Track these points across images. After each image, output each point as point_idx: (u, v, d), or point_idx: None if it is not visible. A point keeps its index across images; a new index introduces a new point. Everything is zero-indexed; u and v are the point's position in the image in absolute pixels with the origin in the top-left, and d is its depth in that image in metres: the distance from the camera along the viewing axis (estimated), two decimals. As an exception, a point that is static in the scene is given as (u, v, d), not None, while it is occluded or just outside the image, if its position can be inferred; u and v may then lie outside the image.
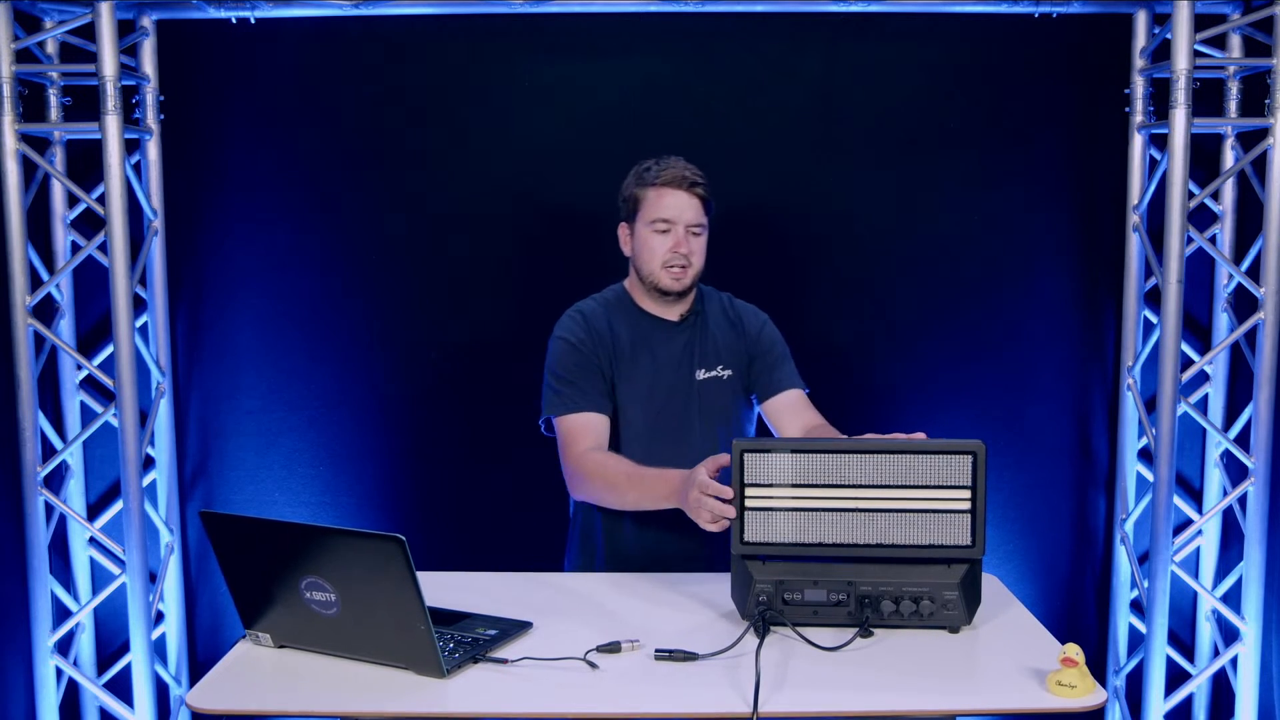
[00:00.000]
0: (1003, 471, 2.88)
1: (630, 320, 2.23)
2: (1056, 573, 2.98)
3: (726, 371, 2.24)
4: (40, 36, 2.63)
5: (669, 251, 2.14)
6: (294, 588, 1.64)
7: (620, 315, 2.23)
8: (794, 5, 2.75)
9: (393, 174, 2.87)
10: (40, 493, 2.70)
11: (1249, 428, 2.75)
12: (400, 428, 2.94)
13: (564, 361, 2.17)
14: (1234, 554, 2.84)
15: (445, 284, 2.91)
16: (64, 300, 2.83)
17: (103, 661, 2.93)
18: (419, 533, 2.83)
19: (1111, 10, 2.74)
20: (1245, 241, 2.81)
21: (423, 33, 2.81)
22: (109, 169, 2.55)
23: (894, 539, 1.76)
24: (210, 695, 1.59)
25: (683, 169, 2.16)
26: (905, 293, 2.90)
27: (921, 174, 2.87)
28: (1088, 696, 1.54)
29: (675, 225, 2.14)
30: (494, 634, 1.74)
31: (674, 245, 2.14)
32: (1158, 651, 2.70)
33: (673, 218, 2.14)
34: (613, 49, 2.83)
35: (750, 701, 1.51)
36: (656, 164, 2.18)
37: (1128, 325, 2.86)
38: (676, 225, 2.14)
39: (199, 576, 2.98)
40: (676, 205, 2.14)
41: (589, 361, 2.17)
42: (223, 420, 2.94)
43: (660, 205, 2.15)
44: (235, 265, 2.89)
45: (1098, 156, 2.85)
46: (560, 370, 2.17)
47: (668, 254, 2.14)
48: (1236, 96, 2.73)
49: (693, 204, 2.15)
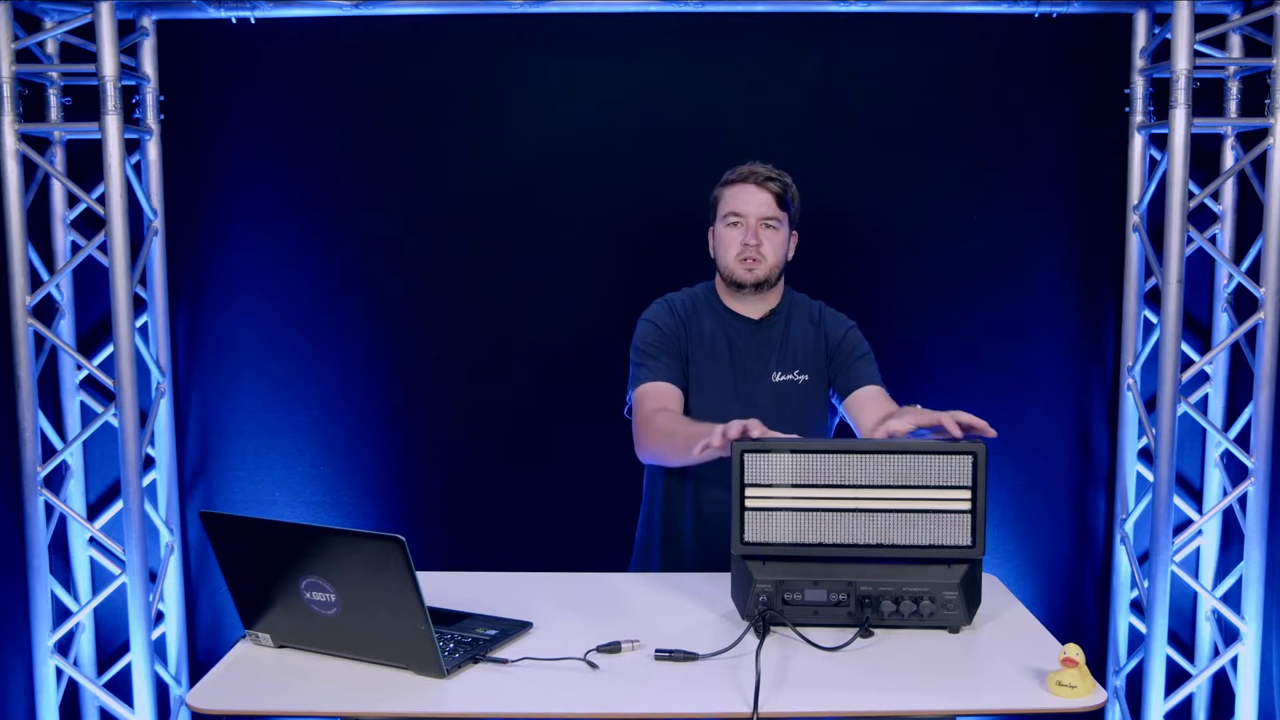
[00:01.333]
0: (1003, 471, 2.88)
1: (714, 313, 2.30)
2: (1056, 573, 2.98)
3: (803, 376, 2.27)
4: (40, 36, 2.63)
5: (740, 244, 2.21)
6: (294, 588, 1.64)
7: (706, 308, 2.31)
8: (794, 5, 2.75)
9: (392, 174, 2.87)
10: (40, 493, 2.70)
11: (1249, 428, 2.75)
12: (400, 428, 2.94)
13: (646, 339, 2.27)
14: (1234, 554, 2.84)
15: (445, 284, 2.91)
16: (64, 300, 2.83)
17: (103, 661, 2.93)
18: (419, 533, 2.84)
19: (1111, 10, 2.74)
20: (1245, 241, 2.81)
21: (422, 33, 2.81)
22: (109, 169, 2.55)
23: (894, 539, 1.76)
24: (210, 695, 1.59)
25: (755, 166, 2.25)
26: (905, 292, 2.90)
27: (921, 174, 2.87)
28: (1088, 696, 1.54)
29: (746, 218, 2.21)
30: (494, 634, 1.74)
31: (745, 237, 2.21)
32: (1158, 651, 2.70)
33: (743, 211, 2.22)
34: (613, 49, 2.83)
35: (750, 701, 1.51)
36: (740, 166, 2.27)
37: (1128, 325, 2.86)
38: (747, 218, 2.21)
39: (199, 576, 2.98)
40: (747, 199, 2.22)
41: (669, 341, 2.25)
42: (223, 420, 2.94)
43: (732, 200, 2.24)
44: (235, 265, 2.89)
45: (1098, 156, 2.85)
46: (642, 346, 2.27)
47: (739, 246, 2.22)
48: (1236, 96, 2.73)
49: (763, 198, 2.21)
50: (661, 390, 2.21)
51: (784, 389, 2.26)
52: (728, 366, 2.26)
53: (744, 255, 2.21)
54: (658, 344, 2.25)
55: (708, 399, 2.24)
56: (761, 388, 2.25)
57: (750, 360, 2.27)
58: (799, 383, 2.26)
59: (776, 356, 2.27)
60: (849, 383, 2.27)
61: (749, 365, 2.26)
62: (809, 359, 2.28)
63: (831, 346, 2.30)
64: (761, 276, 2.23)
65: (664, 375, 2.23)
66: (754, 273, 2.22)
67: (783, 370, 2.27)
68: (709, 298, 2.33)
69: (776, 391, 2.25)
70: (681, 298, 2.33)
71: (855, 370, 2.27)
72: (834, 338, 2.30)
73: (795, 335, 2.29)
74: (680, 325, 2.27)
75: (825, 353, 2.29)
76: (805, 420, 2.27)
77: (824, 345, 2.30)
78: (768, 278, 2.24)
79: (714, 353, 2.26)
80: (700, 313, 2.30)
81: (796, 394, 2.26)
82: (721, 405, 2.22)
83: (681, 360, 2.25)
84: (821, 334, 2.30)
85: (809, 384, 2.27)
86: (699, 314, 2.29)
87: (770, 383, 2.26)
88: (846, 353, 2.29)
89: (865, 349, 2.32)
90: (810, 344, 2.29)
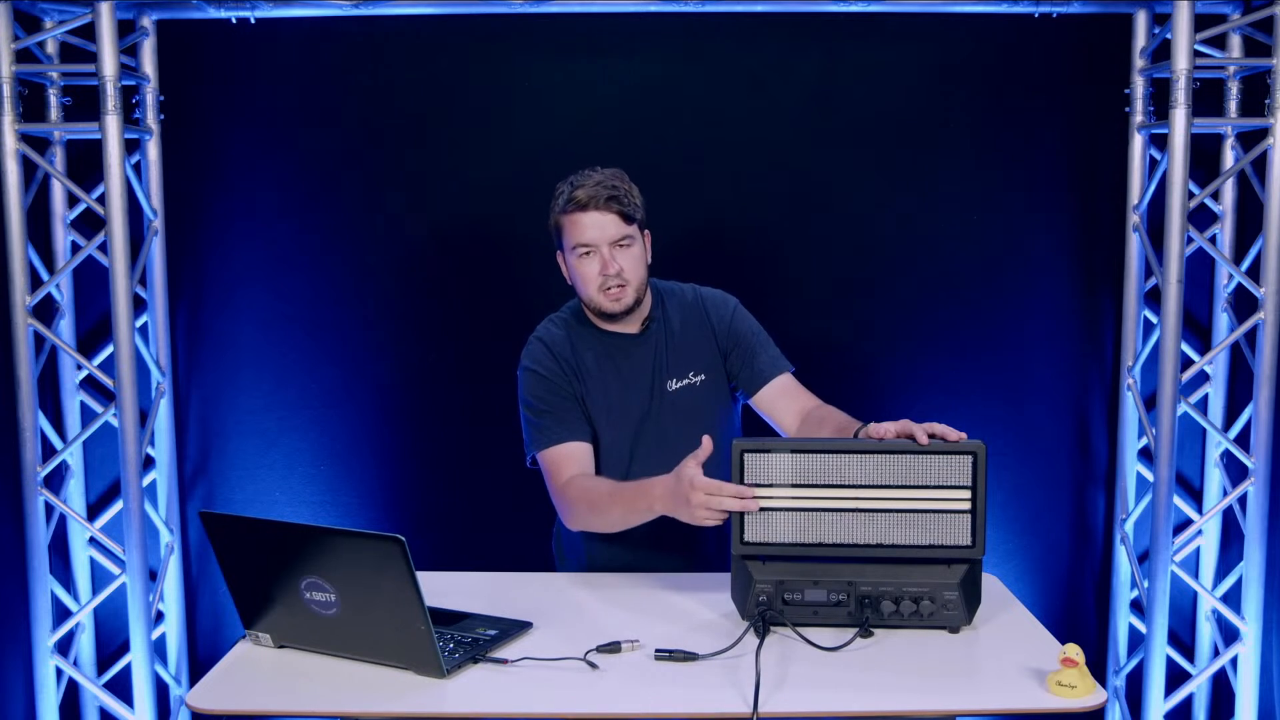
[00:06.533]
0: (1003, 471, 2.88)
1: (591, 339, 2.18)
2: (1056, 573, 2.98)
3: (699, 377, 2.17)
4: (40, 36, 2.63)
5: (599, 275, 2.07)
6: (294, 588, 1.64)
7: (581, 335, 2.18)
8: (794, 5, 2.75)
9: (393, 174, 2.87)
10: (40, 493, 2.70)
11: (1249, 428, 2.75)
12: (400, 428, 2.94)
13: (535, 392, 2.14)
14: (1234, 554, 2.84)
15: (446, 283, 2.91)
16: (64, 300, 2.83)
17: (103, 661, 2.93)
18: (419, 533, 2.84)
19: (1111, 10, 2.74)
20: (1245, 241, 2.81)
21: (422, 33, 2.81)
22: (109, 169, 2.55)
23: (894, 539, 1.76)
24: (210, 695, 1.59)
25: (588, 187, 2.06)
26: (904, 293, 2.90)
27: (921, 174, 2.87)
28: (1088, 696, 1.54)
29: (598, 247, 2.07)
30: (494, 634, 1.74)
31: (602, 268, 2.07)
32: (1158, 651, 2.70)
33: (592, 240, 2.06)
34: (613, 49, 2.83)
35: (750, 701, 1.51)
36: (570, 186, 2.09)
37: (1128, 325, 2.86)
38: (599, 247, 2.07)
39: (199, 576, 2.98)
40: (590, 225, 2.06)
41: (560, 389, 2.13)
42: (223, 420, 2.94)
43: (577, 230, 2.07)
44: (235, 265, 2.89)
45: (1098, 156, 2.85)
46: (534, 401, 2.14)
47: (598, 277, 2.07)
48: (1236, 96, 2.73)
49: (608, 219, 2.06)
50: (572, 453, 2.09)
51: (682, 395, 2.16)
52: (620, 391, 2.15)
53: (606, 285, 2.07)
54: (548, 396, 2.12)
55: (614, 429, 2.15)
56: (660, 402, 2.15)
57: (641, 377, 2.16)
58: (697, 384, 2.17)
59: (667, 365, 2.16)
60: (754, 378, 2.16)
61: (641, 383, 2.16)
62: (700, 357, 2.18)
63: (722, 337, 2.18)
64: (630, 302, 2.10)
65: (567, 434, 2.10)
66: (621, 301, 2.09)
67: (677, 376, 2.16)
68: (581, 322, 2.19)
69: (675, 400, 2.16)
70: (554, 332, 2.19)
71: (758, 363, 2.16)
72: (721, 327, 2.18)
73: (680, 336, 2.18)
74: (564, 368, 2.14)
75: (716, 345, 2.18)
76: (713, 421, 2.17)
77: (712, 337, 2.18)
78: (637, 298, 2.11)
79: (603, 382, 2.15)
80: (577, 343, 2.16)
81: (697, 396, 2.17)
82: (623, 431, 2.15)
83: (577, 404, 2.13)
84: (707, 324, 2.19)
85: (707, 383, 2.18)
86: (577, 348, 2.16)
87: (668, 393, 2.16)
88: (741, 343, 2.17)
89: (756, 333, 2.19)
90: (698, 338, 2.18)
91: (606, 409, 2.15)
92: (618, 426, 2.16)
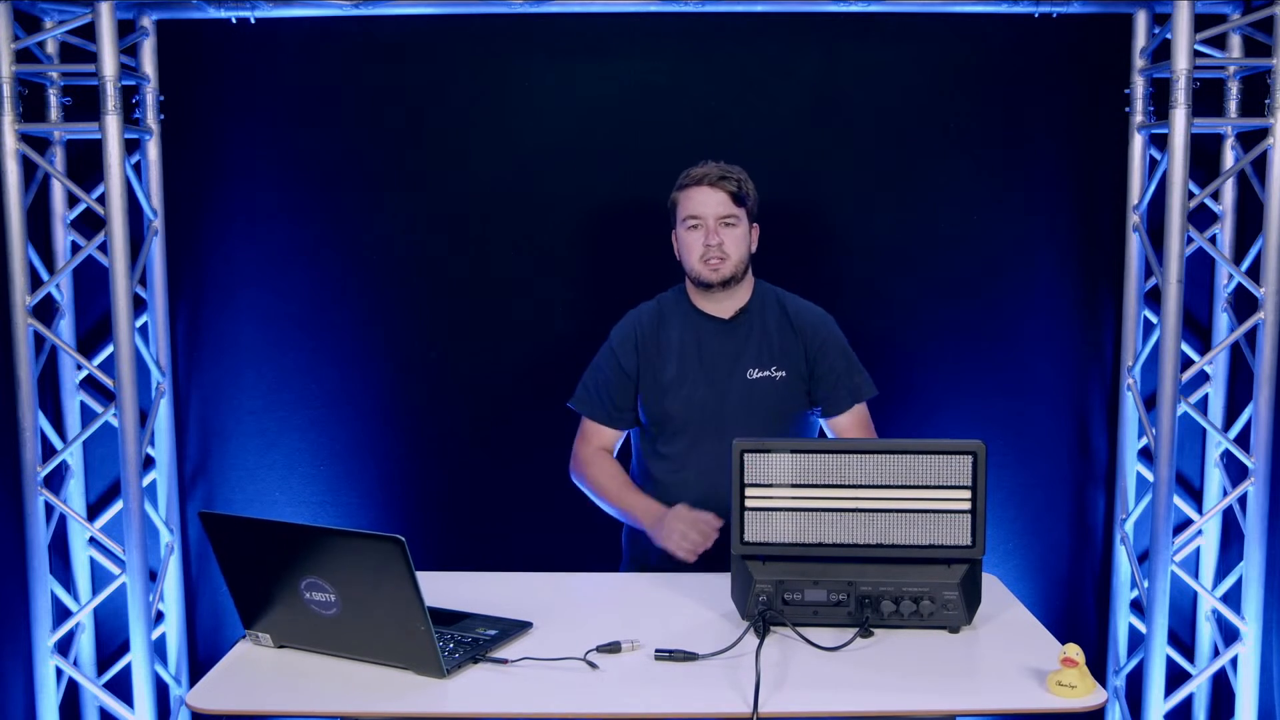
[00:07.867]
0: (1003, 471, 2.88)
1: (682, 315, 2.34)
2: (1056, 572, 2.98)
3: (780, 373, 2.29)
4: (40, 36, 2.63)
5: (702, 245, 2.25)
6: (294, 588, 1.64)
7: (674, 311, 2.36)
8: (794, 5, 2.75)
9: (392, 174, 2.87)
10: (40, 493, 2.70)
11: (1249, 428, 2.75)
12: (400, 428, 2.94)
13: (600, 366, 2.38)
14: (1234, 554, 2.84)
15: (446, 283, 2.91)
16: (64, 300, 2.83)
17: (103, 661, 2.93)
18: (419, 533, 2.84)
19: (1111, 10, 2.74)
20: (1245, 241, 2.81)
21: (423, 33, 2.81)
22: (109, 169, 2.55)
23: (894, 539, 1.76)
24: (210, 695, 1.59)
25: (708, 167, 2.28)
26: (905, 292, 2.90)
27: (921, 174, 2.87)
28: (1088, 696, 1.54)
29: (704, 220, 2.25)
30: (494, 634, 1.74)
31: (705, 239, 2.25)
32: (1158, 651, 2.70)
33: (700, 213, 2.26)
34: (613, 49, 2.83)
35: (750, 701, 1.51)
36: (691, 169, 2.30)
37: (1128, 325, 2.86)
38: (706, 219, 2.25)
39: (199, 576, 2.98)
40: (702, 200, 2.26)
41: (622, 370, 2.33)
42: (223, 420, 2.94)
43: (689, 204, 2.27)
44: (235, 265, 2.89)
45: (1098, 156, 2.85)
46: (597, 370, 2.38)
47: (701, 247, 2.25)
48: (1236, 96, 2.73)
49: (718, 197, 2.25)
50: (602, 432, 2.37)
51: (760, 386, 2.28)
52: (698, 368, 2.29)
53: (707, 256, 2.25)
54: (610, 375, 2.35)
55: (681, 402, 2.29)
56: (734, 386, 2.28)
57: (721, 359, 2.30)
58: (776, 379, 2.29)
59: (752, 353, 2.30)
60: (832, 406, 2.33)
61: (720, 364, 2.29)
62: (786, 355, 2.31)
63: (812, 350, 2.32)
64: (727, 274, 2.26)
65: (602, 416, 2.35)
66: (719, 272, 2.26)
67: (759, 367, 2.29)
68: (679, 301, 2.37)
69: (751, 389, 2.28)
70: (646, 308, 2.39)
71: (839, 392, 2.32)
72: (813, 344, 2.32)
73: (769, 331, 2.32)
74: (639, 348, 2.33)
75: (804, 354, 2.31)
76: (786, 415, 2.30)
77: (801, 346, 2.32)
78: (733, 274, 2.27)
79: (683, 356, 2.31)
80: (667, 322, 2.34)
81: (773, 390, 2.29)
82: (691, 407, 2.28)
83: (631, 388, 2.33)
84: (797, 332, 2.32)
85: (787, 380, 2.30)
86: (665, 324, 2.34)
87: (745, 380, 2.28)
88: (828, 371, 2.31)
89: (845, 357, 2.34)
90: (785, 340, 2.32)
91: (681, 383, 2.29)
92: (686, 402, 2.28)
